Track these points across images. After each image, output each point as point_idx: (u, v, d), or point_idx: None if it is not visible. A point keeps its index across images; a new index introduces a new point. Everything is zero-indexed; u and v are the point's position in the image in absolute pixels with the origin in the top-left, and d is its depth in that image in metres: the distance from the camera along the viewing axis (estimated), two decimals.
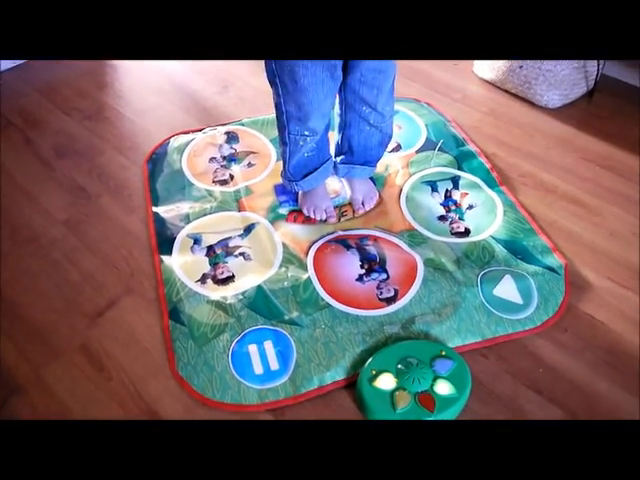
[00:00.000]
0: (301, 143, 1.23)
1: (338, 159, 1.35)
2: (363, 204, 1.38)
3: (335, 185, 1.44)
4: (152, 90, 1.76)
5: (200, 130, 1.59)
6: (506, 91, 1.75)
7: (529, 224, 1.34)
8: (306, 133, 1.21)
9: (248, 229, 1.33)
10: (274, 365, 1.08)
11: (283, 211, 1.38)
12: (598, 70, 1.66)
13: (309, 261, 1.26)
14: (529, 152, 1.56)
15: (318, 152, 1.29)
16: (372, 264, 1.26)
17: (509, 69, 1.69)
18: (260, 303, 1.18)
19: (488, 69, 1.77)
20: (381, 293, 1.20)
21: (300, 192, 1.37)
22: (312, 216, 1.35)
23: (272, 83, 1.15)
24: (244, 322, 1.14)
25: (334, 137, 1.34)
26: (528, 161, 1.53)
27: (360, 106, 1.21)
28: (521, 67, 1.66)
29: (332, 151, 1.36)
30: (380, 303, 1.18)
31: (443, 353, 1.06)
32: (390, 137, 1.33)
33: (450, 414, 1.00)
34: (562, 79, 1.64)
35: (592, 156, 1.55)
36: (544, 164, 1.52)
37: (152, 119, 1.64)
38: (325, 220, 1.35)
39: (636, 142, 1.59)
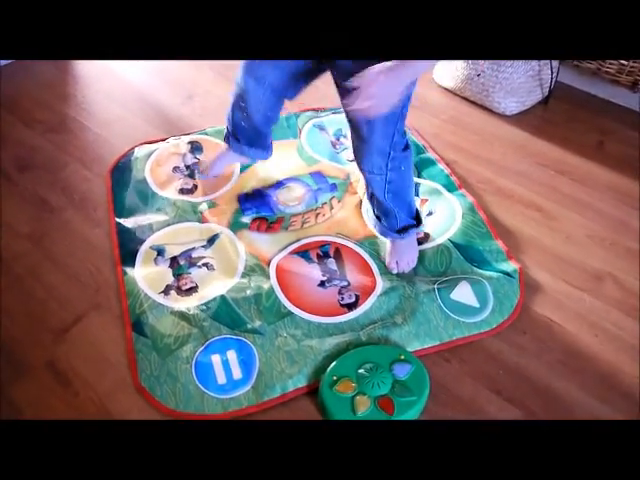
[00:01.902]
0: (235, 92, 1.26)
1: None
2: (397, 264, 1.29)
3: (298, 192, 1.46)
4: (115, 101, 1.75)
5: (164, 140, 1.60)
6: (465, 99, 1.80)
7: (486, 227, 1.38)
8: (237, 82, 1.23)
9: (211, 240, 1.34)
10: (237, 374, 1.10)
11: (246, 219, 1.39)
12: (552, 78, 1.72)
13: (271, 270, 1.28)
14: (487, 158, 1.60)
15: (253, 130, 1.32)
16: (333, 274, 1.28)
17: (468, 77, 1.73)
18: (223, 313, 1.19)
19: (447, 77, 1.81)
20: (342, 299, 1.23)
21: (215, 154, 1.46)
22: (201, 168, 1.50)
23: None
24: (207, 332, 1.16)
25: None
26: (486, 167, 1.57)
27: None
28: (479, 75, 1.71)
29: None
30: (341, 309, 1.21)
31: (402, 357, 1.09)
32: (387, 203, 1.21)
33: (409, 417, 1.03)
34: (518, 87, 1.69)
35: (548, 161, 1.60)
36: (502, 170, 1.57)
37: (115, 130, 1.64)
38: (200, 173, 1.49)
39: (590, 147, 1.65)
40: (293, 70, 1.17)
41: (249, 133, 1.35)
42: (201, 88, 1.80)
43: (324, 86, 1.15)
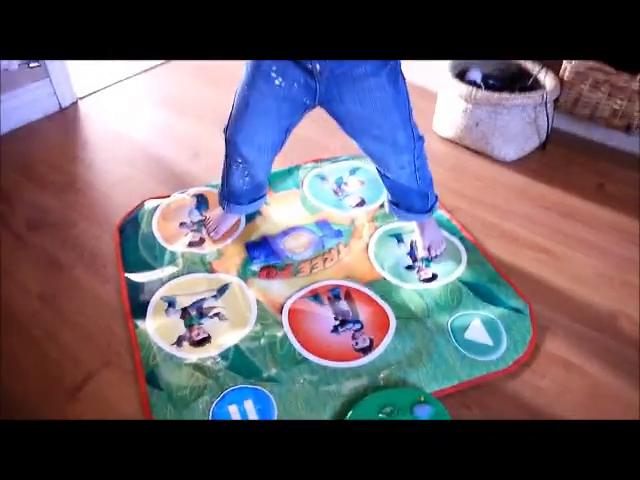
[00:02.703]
0: (234, 168, 1.32)
1: (387, 197, 1.44)
2: (429, 250, 1.41)
3: (304, 239, 1.48)
4: (122, 160, 1.80)
5: (170, 196, 1.62)
6: (465, 147, 1.84)
7: (492, 268, 1.39)
8: (238, 160, 1.29)
9: (221, 290, 1.34)
10: None
11: (255, 267, 1.40)
12: (548, 124, 1.77)
13: (284, 317, 1.27)
14: (490, 203, 1.63)
15: (255, 188, 1.40)
16: (346, 316, 1.28)
17: (466, 127, 1.78)
18: (238, 362, 1.18)
19: (447, 127, 1.86)
20: (357, 343, 1.22)
21: (220, 210, 1.48)
22: (209, 232, 1.49)
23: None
24: (223, 383, 1.14)
25: None
26: (490, 212, 1.60)
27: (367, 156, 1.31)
28: (477, 124, 1.76)
29: None
30: (356, 354, 1.20)
31: (422, 399, 1.07)
32: (416, 190, 1.35)
33: None
34: (516, 133, 1.74)
35: (550, 204, 1.63)
36: (505, 214, 1.59)
37: (124, 188, 1.67)
38: (208, 235, 1.48)
39: (591, 189, 1.68)
40: (287, 125, 1.23)
41: (252, 192, 1.42)
42: (208, 145, 1.84)
43: (324, 139, 1.19)
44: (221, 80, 2.18)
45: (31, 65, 1.83)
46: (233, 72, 1.22)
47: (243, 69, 1.18)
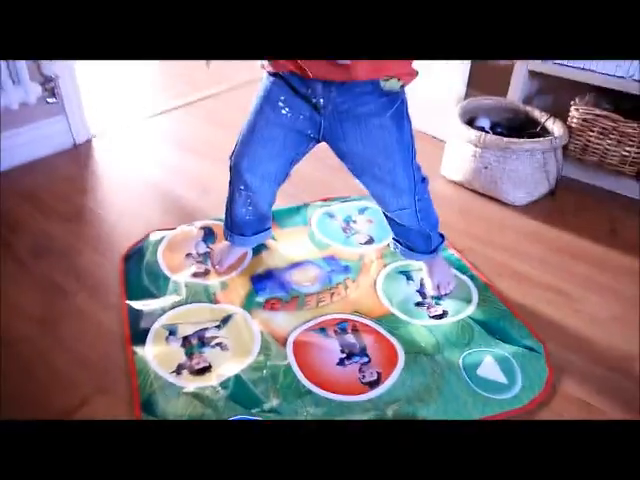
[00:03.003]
0: (237, 195, 1.31)
1: (392, 237, 1.43)
2: (438, 288, 1.39)
3: (311, 273, 1.45)
4: (132, 195, 1.80)
5: (176, 228, 1.61)
6: (474, 191, 1.84)
7: (505, 306, 1.35)
8: (241, 187, 1.28)
9: (225, 320, 1.31)
10: None
11: (260, 299, 1.37)
12: (557, 170, 1.77)
13: (288, 348, 1.23)
14: (501, 244, 1.61)
15: (258, 219, 1.39)
16: (353, 349, 1.23)
17: (475, 170, 1.79)
18: (238, 392, 1.12)
19: (455, 171, 1.87)
20: (363, 377, 1.17)
21: (225, 243, 1.47)
22: (214, 264, 1.46)
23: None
24: (222, 412, 1.08)
25: None
26: (501, 253, 1.57)
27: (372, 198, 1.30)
28: (486, 168, 1.76)
29: None
30: (363, 387, 1.14)
31: None
32: (419, 231, 1.33)
33: None
34: (525, 178, 1.74)
35: (563, 247, 1.61)
36: (516, 255, 1.57)
37: (131, 221, 1.66)
38: (213, 267, 1.46)
39: (603, 233, 1.66)
40: (292, 156, 1.24)
41: (255, 223, 1.41)
42: (216, 183, 1.84)
43: (333, 180, 1.19)
44: (231, 123, 2.20)
45: (49, 100, 1.87)
46: (242, 115, 1.24)
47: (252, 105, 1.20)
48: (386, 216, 1.34)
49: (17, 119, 1.83)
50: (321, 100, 1.09)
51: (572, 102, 1.78)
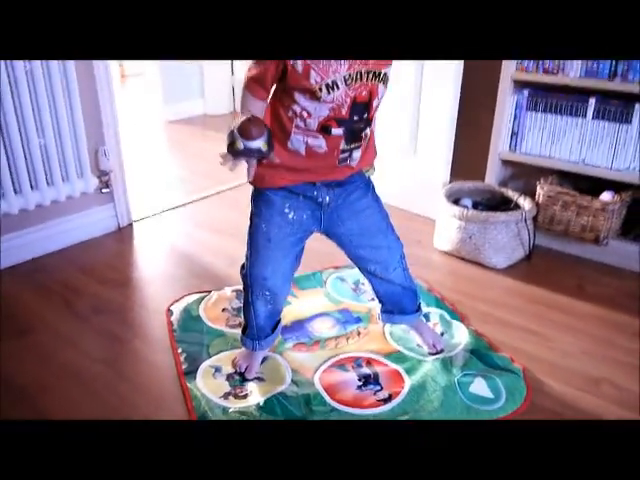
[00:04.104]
0: (258, 302, 1.42)
1: (379, 309, 1.61)
2: (434, 346, 1.59)
3: (329, 323, 1.74)
4: (170, 266, 2.13)
5: (211, 291, 1.91)
6: (461, 258, 2.17)
7: (489, 345, 1.64)
8: (266, 293, 1.40)
9: (262, 361, 1.57)
10: None
11: (289, 345, 1.64)
12: (529, 237, 2.12)
13: (315, 379, 1.49)
14: (485, 298, 1.91)
15: (277, 313, 1.50)
16: (368, 379, 1.50)
17: (461, 240, 2.13)
18: (277, 409, 1.38)
19: (445, 242, 2.20)
20: (377, 397, 1.43)
21: (245, 350, 1.53)
22: (241, 370, 1.51)
23: (246, 253, 1.41)
24: None
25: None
26: (485, 304, 1.87)
27: (364, 267, 1.49)
28: (470, 238, 2.10)
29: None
30: (378, 403, 1.40)
31: None
32: (408, 288, 1.52)
33: None
34: (503, 245, 2.08)
35: (538, 300, 1.91)
36: (499, 306, 1.87)
37: (171, 285, 1.97)
38: (241, 375, 1.52)
39: (573, 289, 1.97)
40: (298, 251, 1.42)
41: (274, 319, 1.51)
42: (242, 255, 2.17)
43: (338, 252, 1.48)
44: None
45: (103, 191, 2.23)
46: None
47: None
48: (380, 284, 1.51)
49: (76, 206, 2.19)
50: (326, 198, 1.31)
51: (538, 183, 2.15)
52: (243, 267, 1.45)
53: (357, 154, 1.27)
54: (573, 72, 1.99)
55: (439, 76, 2.29)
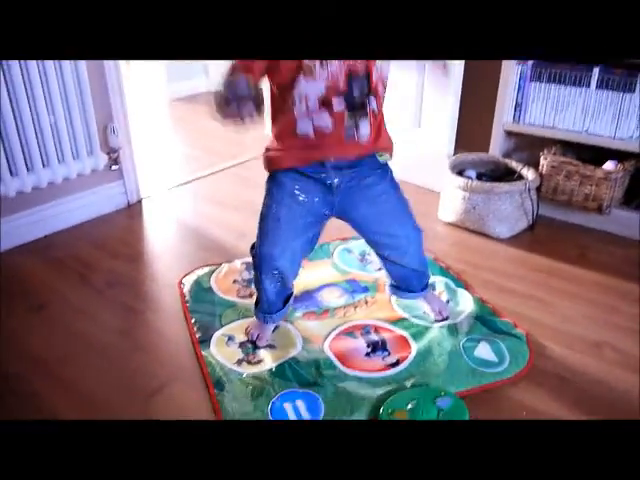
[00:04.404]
0: (267, 280, 1.44)
1: (388, 283, 1.65)
2: (441, 313, 1.63)
3: (337, 293, 1.79)
4: (180, 240, 2.18)
5: (220, 264, 1.96)
6: (466, 228, 2.21)
7: (493, 311, 1.68)
8: (275, 272, 1.42)
9: (273, 330, 1.62)
10: (306, 417, 1.31)
11: (299, 313, 1.69)
12: (533, 208, 2.15)
13: (325, 346, 1.54)
14: (489, 267, 1.95)
15: (288, 288, 1.52)
16: (376, 345, 1.55)
17: (465, 210, 2.16)
18: (289, 373, 1.44)
19: (449, 213, 2.24)
20: (385, 362, 1.48)
21: (257, 320, 1.57)
22: (253, 339, 1.55)
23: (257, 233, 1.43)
24: (277, 388, 1.39)
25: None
26: (488, 273, 1.91)
27: (380, 252, 1.52)
28: (474, 208, 2.13)
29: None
30: (386, 367, 1.46)
31: (443, 394, 1.32)
32: (420, 271, 1.56)
33: None
34: (507, 215, 2.11)
35: (540, 268, 1.95)
36: (502, 275, 1.91)
37: (181, 259, 2.02)
38: (253, 342, 1.56)
39: (575, 257, 2.01)
40: (311, 235, 1.45)
41: (285, 294, 1.54)
42: (252, 228, 2.19)
43: (344, 224, 1.51)
44: (257, 184, 2.61)
45: (112, 168, 2.26)
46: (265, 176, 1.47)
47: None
48: (392, 266, 1.55)
49: (87, 183, 2.23)
50: (335, 180, 1.32)
51: (542, 153, 2.18)
52: (253, 247, 1.47)
53: (365, 130, 1.28)
54: None
55: None
